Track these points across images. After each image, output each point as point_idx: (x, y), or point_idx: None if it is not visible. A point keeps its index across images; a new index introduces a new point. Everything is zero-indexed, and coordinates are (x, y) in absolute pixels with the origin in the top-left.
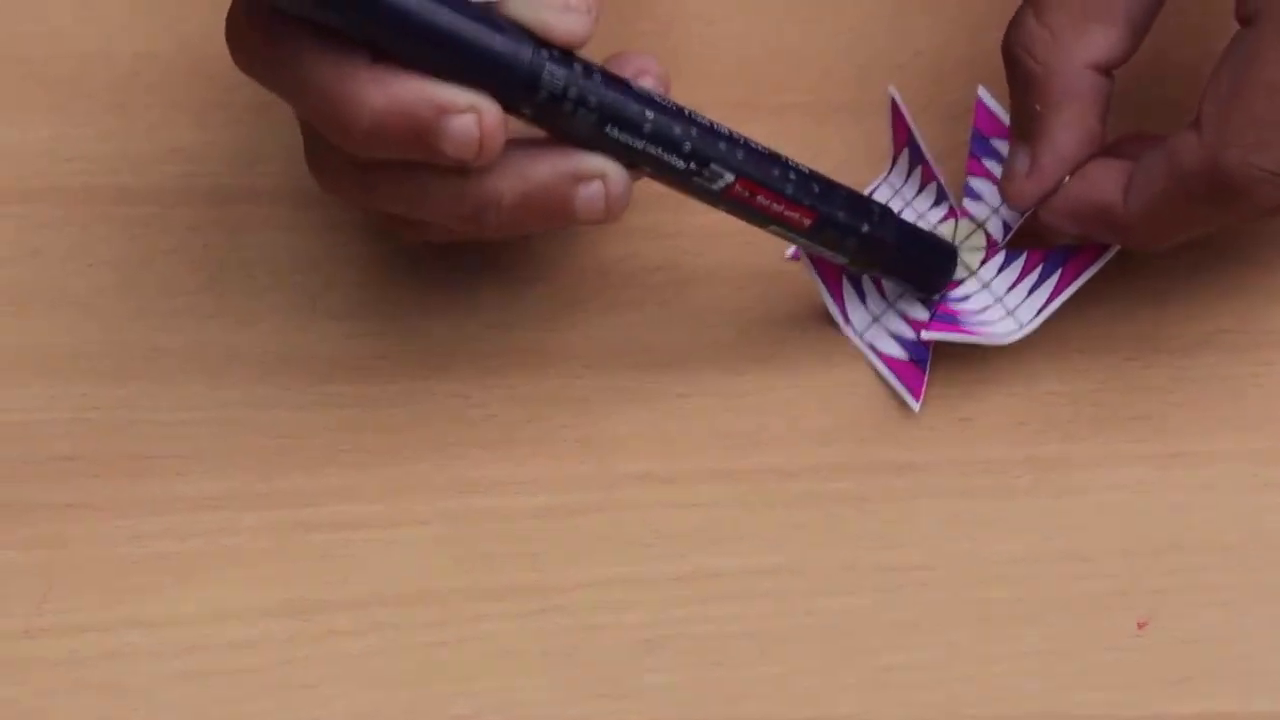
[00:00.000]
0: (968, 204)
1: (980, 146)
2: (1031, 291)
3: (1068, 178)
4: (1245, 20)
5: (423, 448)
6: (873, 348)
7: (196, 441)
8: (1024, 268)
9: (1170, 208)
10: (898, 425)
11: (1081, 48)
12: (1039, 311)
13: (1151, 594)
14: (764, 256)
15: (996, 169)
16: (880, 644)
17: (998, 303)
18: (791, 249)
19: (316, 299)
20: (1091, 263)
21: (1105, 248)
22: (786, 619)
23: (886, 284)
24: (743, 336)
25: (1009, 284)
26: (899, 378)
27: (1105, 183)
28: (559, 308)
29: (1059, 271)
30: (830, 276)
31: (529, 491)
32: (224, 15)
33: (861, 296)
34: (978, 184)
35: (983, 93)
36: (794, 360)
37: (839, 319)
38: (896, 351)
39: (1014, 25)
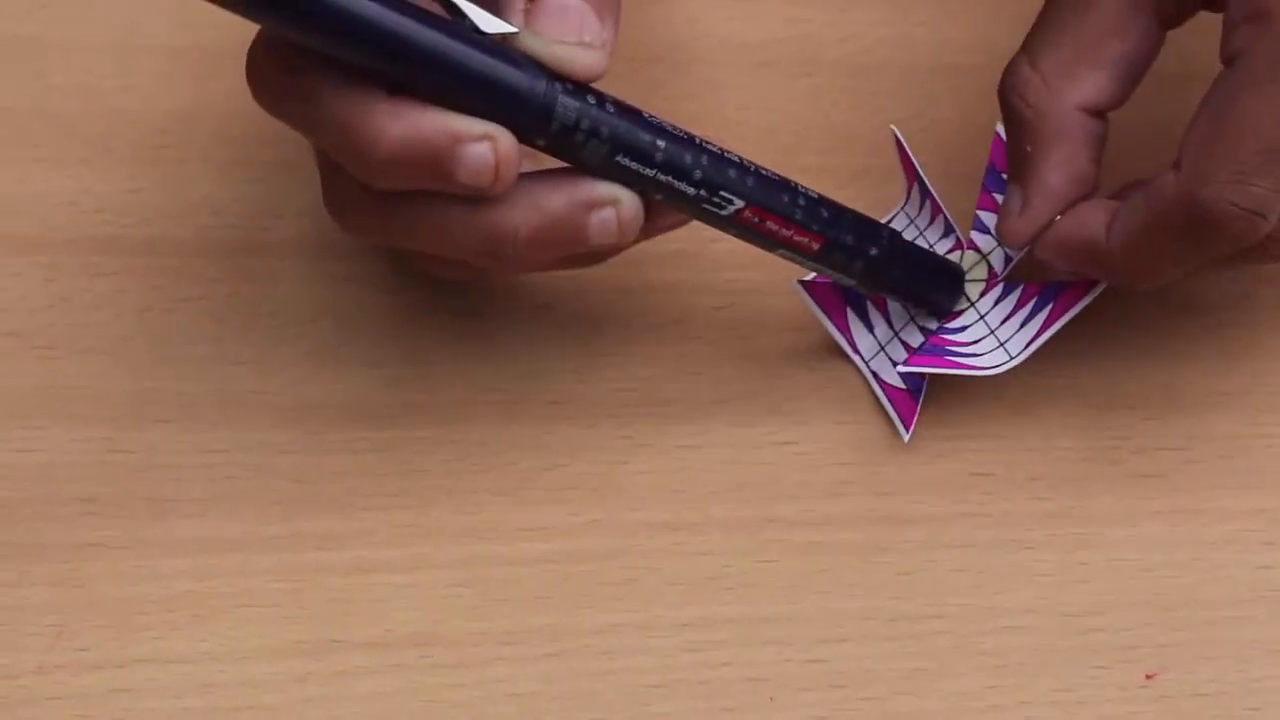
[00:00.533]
0: (974, 236)
1: (992, 181)
2: (1024, 324)
3: (1059, 216)
4: (1227, 61)
5: (440, 494)
6: (876, 376)
7: (216, 485)
8: (1019, 300)
9: (1149, 243)
10: (912, 479)
11: (1071, 91)
12: (1029, 344)
13: (1161, 648)
14: (779, 314)
15: None
16: (889, 691)
17: (991, 334)
18: (810, 275)
19: (338, 348)
20: (1080, 298)
21: (1093, 284)
22: (795, 665)
23: (892, 311)
24: (756, 390)
25: (1003, 316)
26: (895, 406)
27: (1091, 220)
28: (577, 360)
29: (1050, 305)
30: (834, 308)
31: (543, 538)
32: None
33: (869, 326)
34: (986, 217)
35: (1000, 129)
36: (808, 414)
37: (846, 348)
38: (895, 380)
39: (1008, 71)
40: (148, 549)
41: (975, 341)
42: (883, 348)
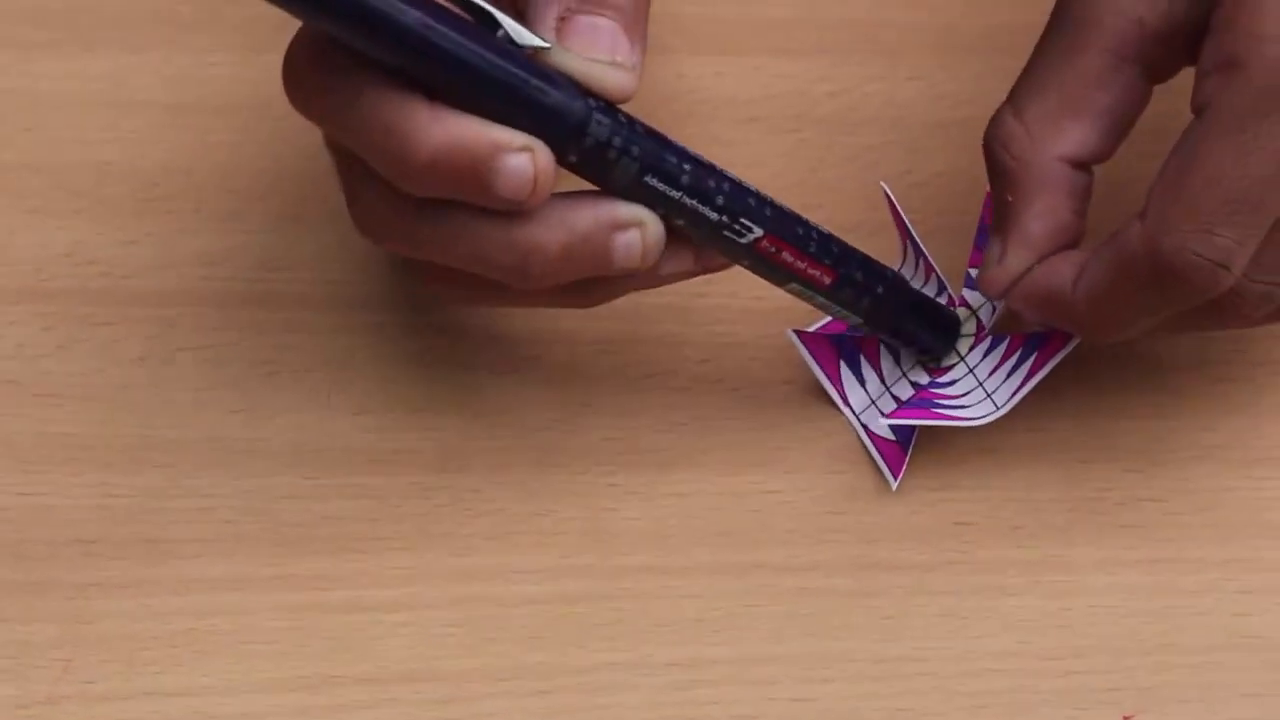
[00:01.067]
0: (965, 293)
1: (984, 238)
2: (1009, 375)
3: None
4: (1197, 110)
5: (433, 537)
6: (866, 428)
7: (215, 528)
8: (1005, 352)
9: (1113, 294)
10: (898, 527)
11: (1055, 142)
12: (1014, 393)
13: (1139, 690)
14: (766, 366)
15: None
16: None
17: (979, 386)
18: (810, 325)
19: (334, 395)
20: (1060, 348)
21: (1069, 339)
22: (781, 704)
23: (884, 366)
24: (743, 440)
25: (991, 368)
26: (883, 456)
27: (1060, 270)
28: (568, 410)
29: (1034, 355)
30: (827, 359)
31: (534, 580)
32: (244, 131)
33: (861, 380)
34: (976, 274)
35: None
36: (795, 463)
37: (837, 400)
38: (885, 432)
39: (993, 122)
40: (149, 588)
41: (964, 394)
42: (873, 401)
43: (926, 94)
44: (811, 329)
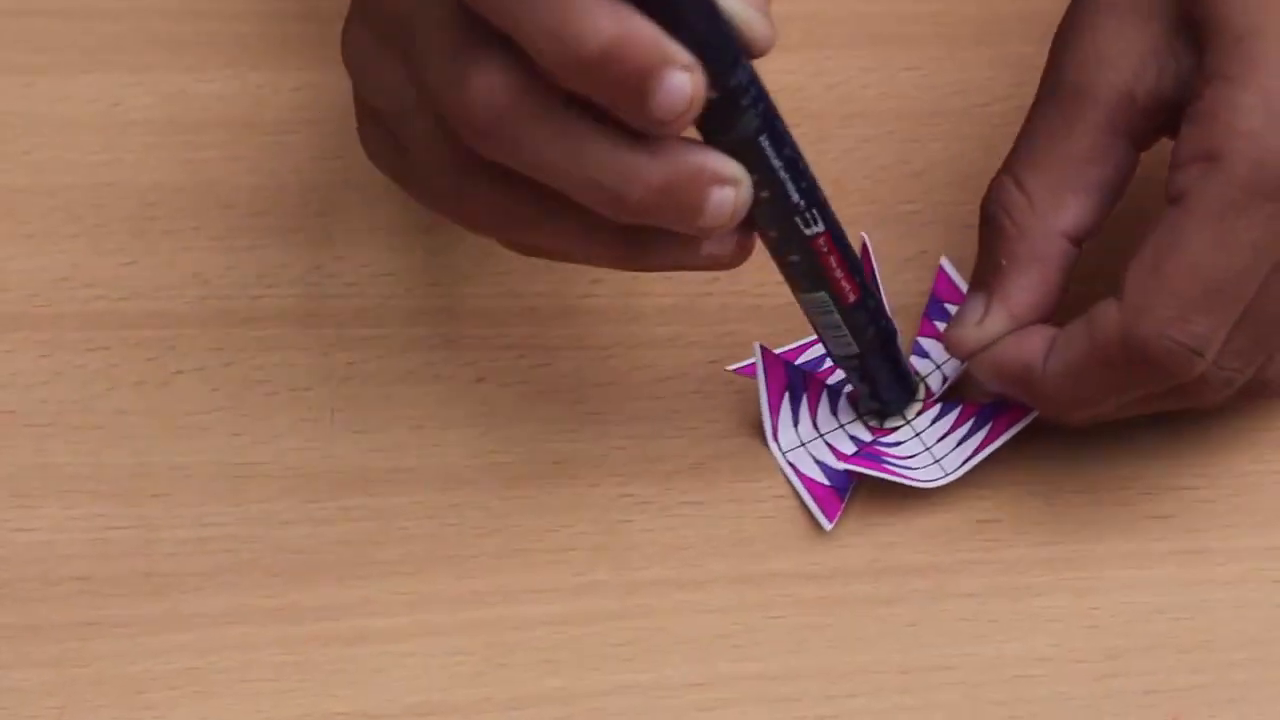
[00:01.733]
0: (914, 360)
1: (935, 310)
2: (960, 443)
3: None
4: (1174, 200)
5: (440, 559)
6: (794, 466)
7: (214, 558)
8: (956, 420)
9: (1085, 373)
10: (916, 529)
11: (1057, 216)
12: (964, 462)
13: (1179, 692)
14: None
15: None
16: None
17: (926, 451)
18: (737, 366)
19: (335, 414)
20: (1017, 421)
21: (1027, 412)
22: None
23: (820, 414)
24: (756, 445)
25: (939, 435)
26: (815, 499)
27: (1030, 344)
28: (576, 420)
29: (988, 426)
30: (776, 387)
31: (546, 600)
32: (239, 148)
33: (795, 420)
34: (927, 343)
35: (945, 263)
36: None
37: (768, 433)
38: (817, 475)
39: (994, 188)
40: (148, 625)
41: (911, 455)
42: (804, 444)
43: (922, 84)
44: (777, 351)
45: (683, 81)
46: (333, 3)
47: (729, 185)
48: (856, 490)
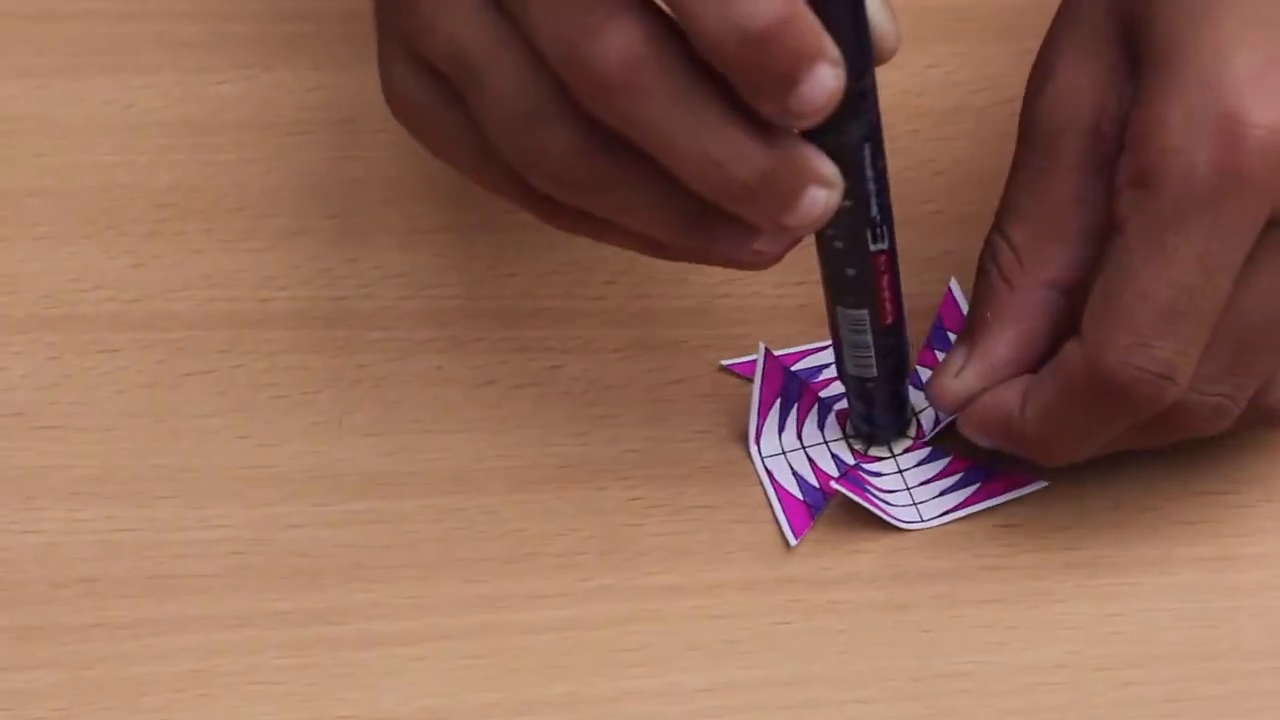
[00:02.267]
0: (910, 391)
1: (938, 337)
2: (943, 494)
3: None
4: (1117, 228)
5: (448, 563)
6: (770, 475)
7: (221, 560)
8: (943, 470)
9: (1061, 416)
10: (933, 533)
11: (1042, 268)
12: (944, 513)
13: (1201, 701)
14: None
15: None
16: None
17: (906, 491)
18: (732, 362)
19: (344, 417)
20: (1011, 490)
21: (1029, 481)
22: None
23: (806, 427)
24: None
25: (922, 479)
26: (786, 512)
27: (1006, 395)
28: (587, 422)
29: (977, 485)
30: (770, 390)
31: (555, 605)
32: (251, 149)
33: (780, 428)
34: (926, 374)
35: (953, 284)
36: None
37: (750, 434)
38: (793, 488)
39: (987, 244)
40: (153, 627)
41: (891, 491)
42: (785, 453)
43: (944, 81)
44: (779, 353)
45: (830, 77)
46: (338, 4)
47: (825, 187)
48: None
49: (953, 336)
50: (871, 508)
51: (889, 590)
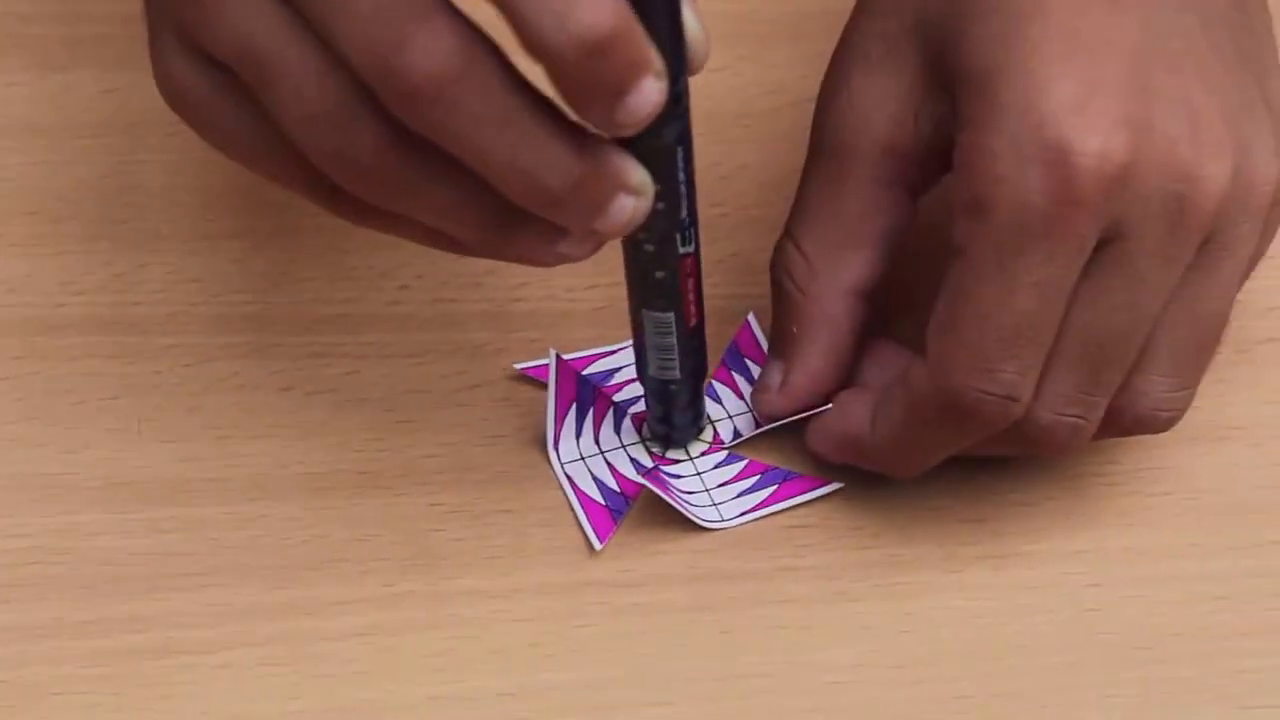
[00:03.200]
0: (707, 403)
1: (734, 361)
2: (741, 495)
3: (829, 406)
4: (955, 253)
5: (251, 570)
6: (571, 481)
7: (23, 570)
8: (740, 473)
9: (909, 433)
10: (731, 534)
11: (836, 274)
12: (743, 514)
13: (994, 697)
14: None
15: (742, 383)
16: None
17: (706, 492)
18: (525, 366)
19: (143, 424)
20: (808, 490)
21: (825, 483)
22: None
23: (604, 431)
24: None
25: (720, 481)
26: (589, 517)
27: (855, 413)
28: (387, 428)
29: (774, 488)
30: (565, 395)
31: (358, 610)
32: (44, 153)
33: (578, 433)
34: (721, 390)
35: (752, 319)
36: None
37: (549, 440)
38: (594, 494)
39: (777, 251)
40: None
41: (691, 492)
42: (584, 458)
43: (730, 84)
44: (570, 357)
45: (656, 90)
46: (131, 5)
47: (635, 194)
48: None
49: (750, 364)
50: (676, 504)
51: (690, 592)
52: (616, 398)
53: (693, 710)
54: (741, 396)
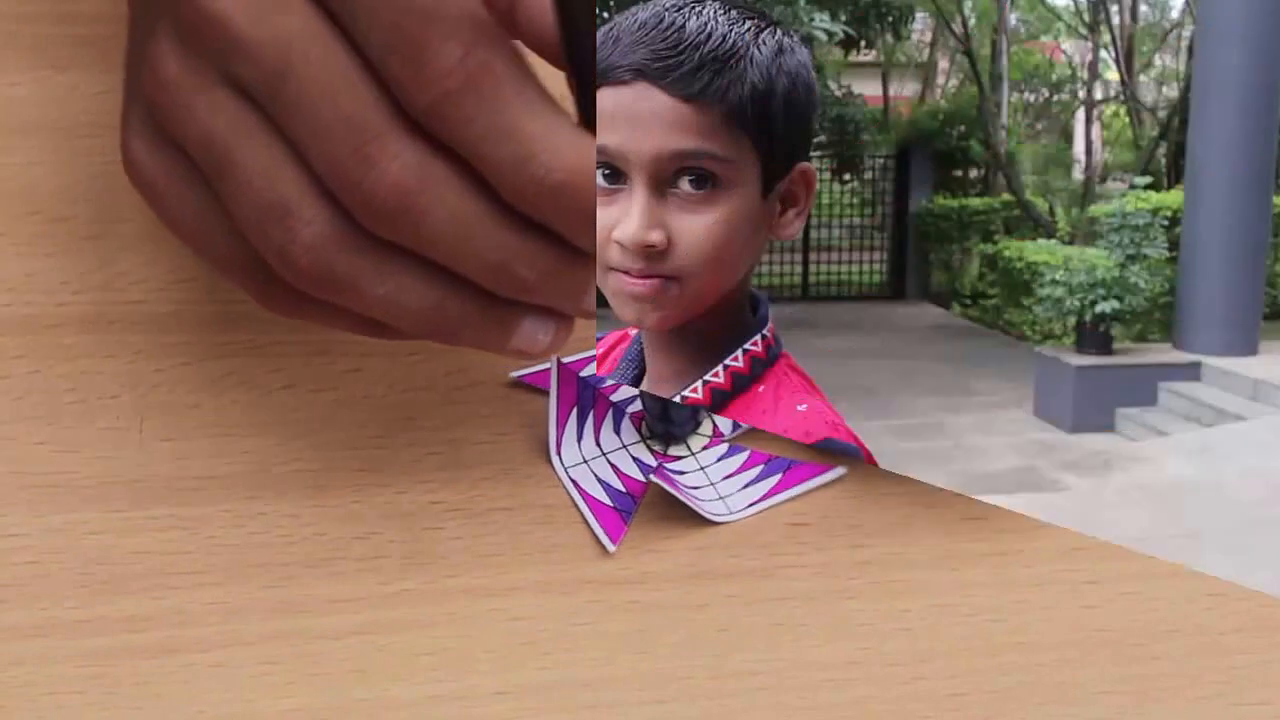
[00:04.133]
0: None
1: None
2: (746, 486)
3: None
4: None
5: (248, 568)
6: (576, 485)
7: (18, 569)
8: (743, 465)
9: None
10: (731, 533)
11: None
12: (751, 504)
13: (990, 695)
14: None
15: None
16: None
17: (711, 486)
18: (523, 373)
19: (144, 421)
20: (812, 477)
21: (828, 468)
22: None
23: (604, 434)
24: None
25: (725, 474)
26: (599, 520)
27: None
28: (388, 425)
29: (779, 476)
30: (567, 401)
31: (355, 609)
32: (42, 152)
33: (579, 436)
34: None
35: None
36: None
37: (551, 447)
38: (601, 496)
39: None
40: None
41: (698, 486)
42: (586, 461)
43: None
44: (569, 360)
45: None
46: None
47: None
48: (667, 497)
49: None
50: (685, 500)
51: (686, 590)
52: (614, 398)
53: (690, 708)
54: None
